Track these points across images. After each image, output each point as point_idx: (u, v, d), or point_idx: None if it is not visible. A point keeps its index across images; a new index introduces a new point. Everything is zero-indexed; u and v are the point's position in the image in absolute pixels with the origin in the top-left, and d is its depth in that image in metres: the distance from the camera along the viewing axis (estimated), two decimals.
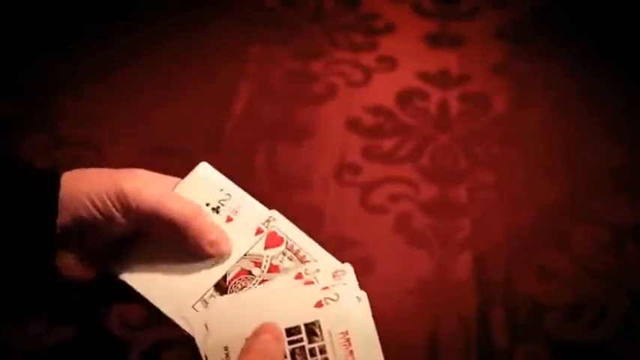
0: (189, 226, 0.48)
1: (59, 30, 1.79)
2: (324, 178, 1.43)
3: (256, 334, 0.47)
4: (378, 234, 1.33)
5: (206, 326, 0.48)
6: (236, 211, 0.51)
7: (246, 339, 0.47)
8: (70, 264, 0.49)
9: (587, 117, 1.58)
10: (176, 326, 0.48)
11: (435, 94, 1.63)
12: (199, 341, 0.47)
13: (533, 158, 1.49)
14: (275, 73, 1.70)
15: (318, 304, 0.48)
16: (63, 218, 0.47)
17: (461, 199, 1.39)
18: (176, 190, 0.51)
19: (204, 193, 0.51)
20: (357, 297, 0.49)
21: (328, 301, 0.48)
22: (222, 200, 0.51)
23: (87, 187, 0.47)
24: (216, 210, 0.51)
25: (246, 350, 0.46)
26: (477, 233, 1.33)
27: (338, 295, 0.48)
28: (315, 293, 0.49)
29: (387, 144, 1.51)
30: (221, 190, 0.52)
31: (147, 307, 0.49)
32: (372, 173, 1.45)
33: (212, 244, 0.49)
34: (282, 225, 0.51)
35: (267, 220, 0.51)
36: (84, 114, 1.59)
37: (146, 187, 0.48)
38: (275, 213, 0.52)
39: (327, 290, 0.49)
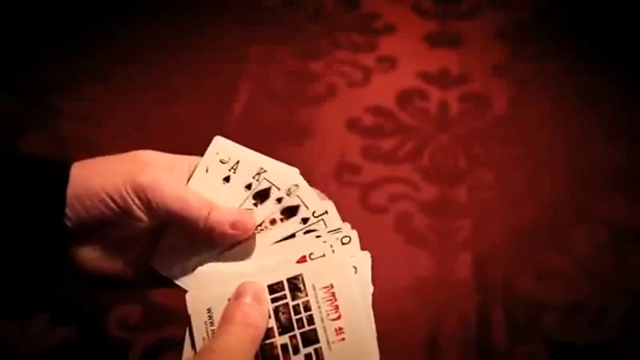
0: (208, 220, 0.47)
1: (59, 30, 1.79)
2: (324, 178, 1.43)
3: (237, 296, 0.44)
4: (378, 234, 1.33)
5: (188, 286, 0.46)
6: (264, 179, 0.50)
7: (228, 299, 0.44)
8: (92, 258, 0.48)
9: (587, 117, 1.58)
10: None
11: (435, 94, 1.62)
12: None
13: (533, 158, 1.49)
14: (275, 73, 1.70)
15: (301, 259, 0.46)
16: (77, 212, 0.46)
17: (461, 199, 1.39)
18: (195, 174, 0.50)
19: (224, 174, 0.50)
20: (354, 266, 0.47)
21: (313, 256, 0.46)
22: (254, 176, 0.51)
23: (102, 180, 0.46)
24: (248, 187, 0.50)
25: (227, 320, 0.43)
26: (477, 233, 1.33)
27: (333, 250, 0.46)
28: (301, 247, 0.46)
29: (387, 144, 1.51)
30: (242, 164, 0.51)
31: (145, 307, 0.49)
32: (372, 173, 1.45)
33: (234, 225, 0.47)
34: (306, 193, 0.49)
35: (258, 173, 0.50)
36: (84, 114, 1.59)
37: (163, 180, 0.47)
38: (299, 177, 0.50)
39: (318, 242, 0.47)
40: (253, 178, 0.50)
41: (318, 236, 0.48)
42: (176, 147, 0.54)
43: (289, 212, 0.49)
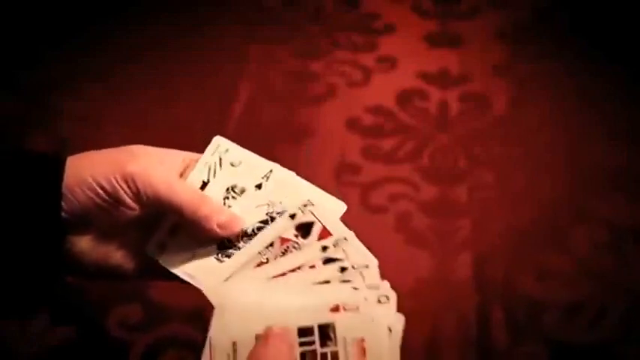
0: (198, 211, 0.47)
1: (59, 30, 1.79)
2: (324, 178, 1.43)
3: (266, 338, 0.44)
4: (378, 234, 1.33)
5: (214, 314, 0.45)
6: (266, 179, 0.50)
7: (256, 336, 0.44)
8: (89, 251, 0.48)
9: (587, 117, 1.58)
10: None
11: (435, 94, 1.62)
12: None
13: (533, 158, 1.49)
14: (275, 73, 1.70)
15: (335, 308, 0.45)
16: (71, 203, 0.46)
17: (461, 199, 1.39)
18: (195, 169, 0.50)
19: (226, 177, 0.50)
20: (389, 327, 0.46)
21: (347, 307, 0.45)
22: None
23: (93, 169, 0.47)
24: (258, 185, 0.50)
25: None
26: (477, 233, 1.33)
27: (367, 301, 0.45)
28: (335, 294, 0.45)
29: (387, 144, 1.51)
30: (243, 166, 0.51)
31: (145, 307, 0.49)
32: (372, 173, 1.45)
33: (222, 226, 0.48)
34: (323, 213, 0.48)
35: (305, 205, 0.49)
36: (84, 114, 1.59)
37: (153, 170, 0.47)
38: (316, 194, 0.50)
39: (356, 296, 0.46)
40: (299, 209, 0.49)
41: (355, 288, 0.47)
42: (176, 147, 0.54)
43: (329, 261, 0.48)
